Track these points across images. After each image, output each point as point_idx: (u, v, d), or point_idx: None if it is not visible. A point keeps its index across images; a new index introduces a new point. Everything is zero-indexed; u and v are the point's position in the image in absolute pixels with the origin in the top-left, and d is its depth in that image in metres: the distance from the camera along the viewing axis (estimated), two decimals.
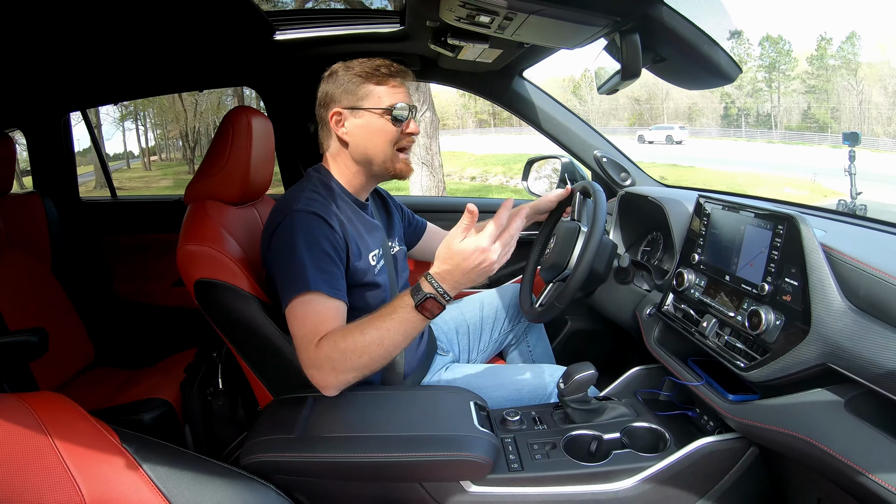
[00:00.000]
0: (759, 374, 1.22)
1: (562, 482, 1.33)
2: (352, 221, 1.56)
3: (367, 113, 1.55)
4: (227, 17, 1.91)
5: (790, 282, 1.19)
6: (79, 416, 1.07)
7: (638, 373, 1.77)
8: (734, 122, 40.17)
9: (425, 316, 1.33)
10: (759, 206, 1.37)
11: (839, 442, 1.05)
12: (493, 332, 2.15)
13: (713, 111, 40.99)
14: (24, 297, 2.28)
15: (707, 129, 39.52)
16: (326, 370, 1.33)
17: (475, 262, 1.29)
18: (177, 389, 2.11)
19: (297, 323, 1.38)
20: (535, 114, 2.53)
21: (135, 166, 32.21)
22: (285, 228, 1.45)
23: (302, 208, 1.45)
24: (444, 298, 1.32)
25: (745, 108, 40.31)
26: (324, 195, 1.53)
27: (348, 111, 1.55)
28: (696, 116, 40.94)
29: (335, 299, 1.41)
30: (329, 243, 1.44)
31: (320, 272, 1.39)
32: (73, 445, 0.98)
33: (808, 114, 37.43)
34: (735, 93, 40.01)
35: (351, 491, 1.35)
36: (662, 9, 1.40)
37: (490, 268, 1.31)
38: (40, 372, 2.17)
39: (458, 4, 1.44)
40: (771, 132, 36.59)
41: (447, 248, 1.32)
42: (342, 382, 1.36)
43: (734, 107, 40.42)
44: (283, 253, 1.43)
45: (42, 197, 2.55)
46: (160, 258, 2.86)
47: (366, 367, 1.34)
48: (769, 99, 40.25)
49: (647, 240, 2.18)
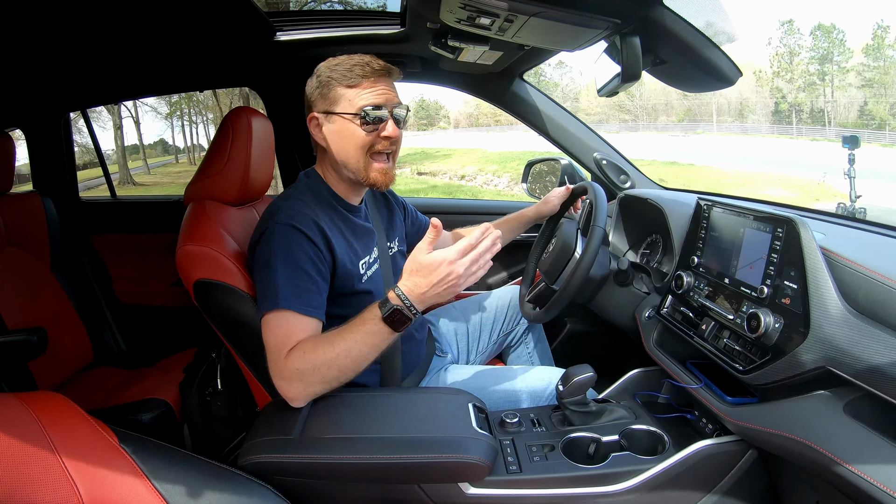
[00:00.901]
0: (757, 377, 1.22)
1: (560, 484, 1.33)
2: (339, 230, 1.54)
3: (338, 118, 1.51)
4: (227, 18, 1.91)
5: (789, 285, 1.19)
6: (77, 416, 1.07)
7: (637, 375, 1.77)
8: (786, 118, 38.34)
9: (393, 328, 1.32)
10: (758, 208, 1.37)
11: (838, 445, 1.06)
12: (492, 334, 2.15)
13: (764, 107, 39.48)
14: (23, 297, 2.28)
15: (758, 126, 37.95)
16: (294, 381, 1.33)
17: (441, 275, 1.28)
18: (176, 390, 2.11)
19: (268, 333, 1.38)
20: (535, 116, 2.53)
21: (182, 161, 33.63)
22: (265, 241, 1.44)
23: (283, 220, 1.43)
24: (410, 311, 1.31)
25: (797, 103, 38.36)
26: (310, 204, 1.51)
27: (323, 116, 1.54)
28: (747, 112, 39.75)
29: (308, 317, 1.39)
30: (307, 258, 1.42)
31: (294, 289, 1.38)
32: (71, 445, 0.98)
33: (865, 110, 35.31)
34: (786, 87, 38.18)
35: (349, 492, 1.35)
36: (663, 11, 1.40)
37: (457, 282, 1.30)
38: (39, 371, 2.17)
39: (459, 6, 1.44)
40: (824, 130, 34.69)
41: (414, 260, 1.32)
42: (310, 394, 1.36)
43: (785, 102, 38.56)
44: (260, 266, 1.44)
45: (41, 196, 2.55)
46: (160, 258, 2.86)
47: (334, 379, 1.34)
48: (822, 93, 38.10)
49: (646, 242, 2.18)
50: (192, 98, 30.81)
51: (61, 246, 2.54)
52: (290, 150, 2.74)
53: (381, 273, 1.67)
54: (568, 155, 2.52)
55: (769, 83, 40.16)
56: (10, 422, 0.97)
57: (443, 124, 59.58)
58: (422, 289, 1.30)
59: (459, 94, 2.52)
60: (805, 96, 38.70)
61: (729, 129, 38.59)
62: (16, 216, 2.38)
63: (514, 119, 2.58)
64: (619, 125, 42.10)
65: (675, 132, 38.32)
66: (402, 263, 1.78)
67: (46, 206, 2.54)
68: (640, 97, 41.47)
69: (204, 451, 1.89)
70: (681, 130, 38.86)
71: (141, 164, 31.74)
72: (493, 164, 27.69)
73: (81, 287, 2.58)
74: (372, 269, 1.63)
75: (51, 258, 2.49)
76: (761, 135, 35.65)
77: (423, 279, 1.30)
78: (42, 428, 0.98)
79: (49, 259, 2.48)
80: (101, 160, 3.62)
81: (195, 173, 1.78)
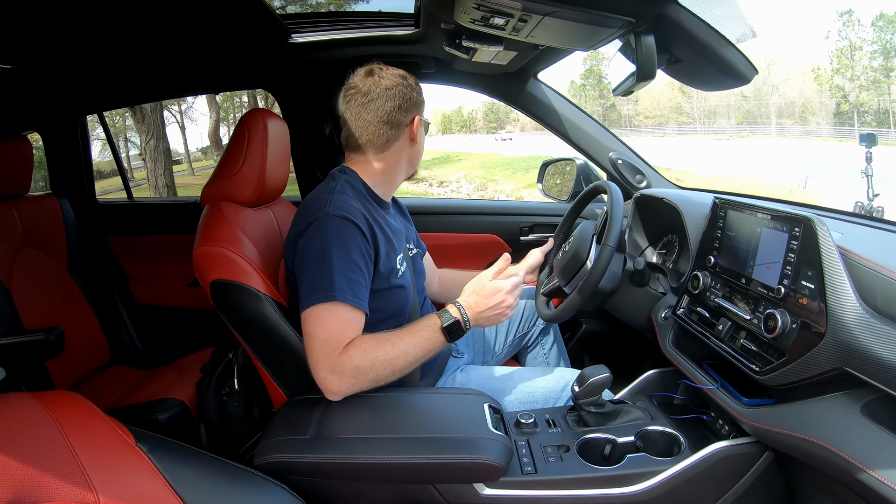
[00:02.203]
0: (774, 378, 1.21)
1: (575, 485, 1.32)
2: (379, 225, 1.56)
3: (423, 121, 1.69)
4: (243, 21, 1.92)
5: (806, 284, 1.18)
6: (94, 414, 1.07)
7: (653, 376, 1.76)
8: (848, 120, 36.02)
9: (448, 339, 1.48)
10: (775, 207, 1.35)
11: (855, 446, 1.05)
12: (507, 335, 2.15)
13: (824, 108, 37.45)
14: (41, 297, 2.30)
15: (819, 128, 35.64)
16: (346, 377, 1.37)
17: (497, 301, 1.50)
18: (192, 389, 2.12)
19: (317, 325, 1.39)
20: (551, 116, 2.52)
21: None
22: (316, 231, 1.45)
23: (334, 212, 1.45)
24: (465, 325, 1.49)
25: (859, 103, 36.04)
26: (354, 198, 1.53)
27: (420, 120, 1.66)
28: (808, 115, 37.83)
29: (357, 310, 1.42)
30: (359, 251, 1.45)
31: (348, 282, 1.40)
32: (87, 444, 0.99)
33: None
34: (847, 85, 36.12)
35: (364, 492, 1.35)
36: (677, 9, 1.39)
37: (505, 311, 1.52)
38: (56, 371, 2.19)
39: (473, 7, 1.44)
40: (889, 132, 32.17)
41: (479, 282, 1.53)
42: (355, 391, 1.40)
43: (846, 102, 36.46)
44: (312, 257, 1.44)
45: (59, 198, 2.57)
46: (176, 259, 2.88)
47: (384, 378, 1.41)
48: (888, 91, 35.48)
49: (662, 242, 2.17)
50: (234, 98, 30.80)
51: (78, 247, 2.56)
52: (305, 152, 2.75)
53: (408, 271, 1.69)
54: (583, 155, 2.52)
55: (828, 81, 38.70)
56: (27, 420, 0.98)
57: (509, 127, 59.72)
58: (480, 308, 1.50)
59: None
60: (868, 95, 36.45)
61: (791, 132, 36.70)
62: (33, 218, 2.40)
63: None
64: (676, 127, 40.72)
65: (729, 135, 36.95)
66: (419, 264, 1.80)
67: (64, 207, 2.56)
68: (696, 98, 40.41)
69: (220, 450, 1.90)
70: (726, 134, 37.61)
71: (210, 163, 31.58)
72: (479, 169, 27.76)
73: (98, 287, 2.60)
74: (403, 266, 1.65)
75: (68, 259, 2.51)
76: (822, 138, 33.48)
77: (483, 300, 1.50)
78: (58, 426, 0.99)
79: (66, 260, 2.51)
80: (118, 162, 3.65)
81: (211, 175, 1.79)
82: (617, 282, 1.78)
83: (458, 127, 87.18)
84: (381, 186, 1.66)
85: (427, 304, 1.89)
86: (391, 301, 1.58)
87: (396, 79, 1.60)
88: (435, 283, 2.14)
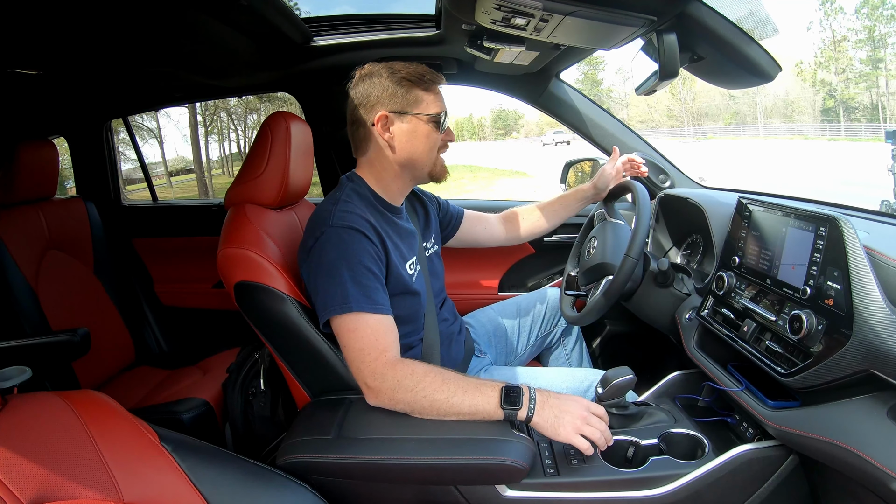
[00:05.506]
0: (799, 380, 1.19)
1: (598, 488, 1.31)
2: (387, 232, 1.56)
3: (413, 118, 1.56)
4: (265, 25, 1.93)
5: (832, 285, 1.16)
6: (118, 414, 1.08)
7: (676, 378, 1.75)
8: (835, 117, 34.54)
9: (502, 414, 1.34)
10: (800, 207, 1.33)
11: (881, 451, 1.03)
12: (530, 335, 2.14)
13: (810, 105, 36.08)
14: (67, 298, 2.34)
15: (805, 126, 34.31)
16: (387, 386, 1.36)
17: (572, 409, 1.35)
18: (216, 389, 2.14)
19: (351, 337, 1.40)
20: (573, 116, 2.52)
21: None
22: (323, 246, 1.45)
23: (337, 224, 1.45)
24: (526, 416, 1.34)
25: (846, 98, 34.36)
26: (358, 206, 1.53)
27: (395, 115, 1.55)
28: (796, 114, 36.69)
29: (380, 314, 1.42)
30: (370, 256, 1.44)
31: (361, 289, 1.40)
32: (111, 443, 1.00)
33: None
34: (833, 79, 34.74)
35: (385, 492, 1.35)
36: (699, 7, 1.38)
37: (574, 423, 1.33)
38: (82, 371, 2.23)
39: (494, 7, 1.44)
40: (880, 129, 30.44)
41: (570, 395, 1.40)
42: (387, 403, 1.38)
43: (832, 98, 34.93)
44: (321, 271, 1.44)
45: (84, 201, 2.61)
46: (200, 261, 2.91)
47: (419, 410, 1.36)
48: (875, 84, 33.51)
49: (686, 242, 2.15)
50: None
51: (104, 249, 2.60)
52: (328, 154, 2.76)
53: (422, 275, 1.68)
54: (607, 155, 2.50)
55: (811, 76, 37.39)
56: (52, 420, 0.99)
57: (514, 134, 59.43)
58: (553, 410, 1.35)
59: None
60: (856, 89, 34.62)
61: (776, 130, 36.00)
62: (60, 220, 2.44)
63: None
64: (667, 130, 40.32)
65: (719, 136, 36.27)
66: (437, 265, 1.79)
67: (90, 210, 2.60)
68: (684, 101, 39.84)
69: (244, 450, 1.91)
70: (722, 134, 37.01)
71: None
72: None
73: (123, 289, 2.64)
74: (416, 271, 1.64)
75: (94, 261, 2.55)
76: (804, 136, 32.75)
77: (563, 403, 1.36)
78: (84, 425, 1.00)
79: (92, 262, 2.54)
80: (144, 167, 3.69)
81: (235, 177, 1.81)
82: (637, 281, 1.78)
83: (469, 134, 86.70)
84: (385, 191, 1.64)
85: (447, 304, 1.88)
86: (403, 308, 1.57)
87: (363, 76, 1.59)
88: (497, 232, 2.16)
